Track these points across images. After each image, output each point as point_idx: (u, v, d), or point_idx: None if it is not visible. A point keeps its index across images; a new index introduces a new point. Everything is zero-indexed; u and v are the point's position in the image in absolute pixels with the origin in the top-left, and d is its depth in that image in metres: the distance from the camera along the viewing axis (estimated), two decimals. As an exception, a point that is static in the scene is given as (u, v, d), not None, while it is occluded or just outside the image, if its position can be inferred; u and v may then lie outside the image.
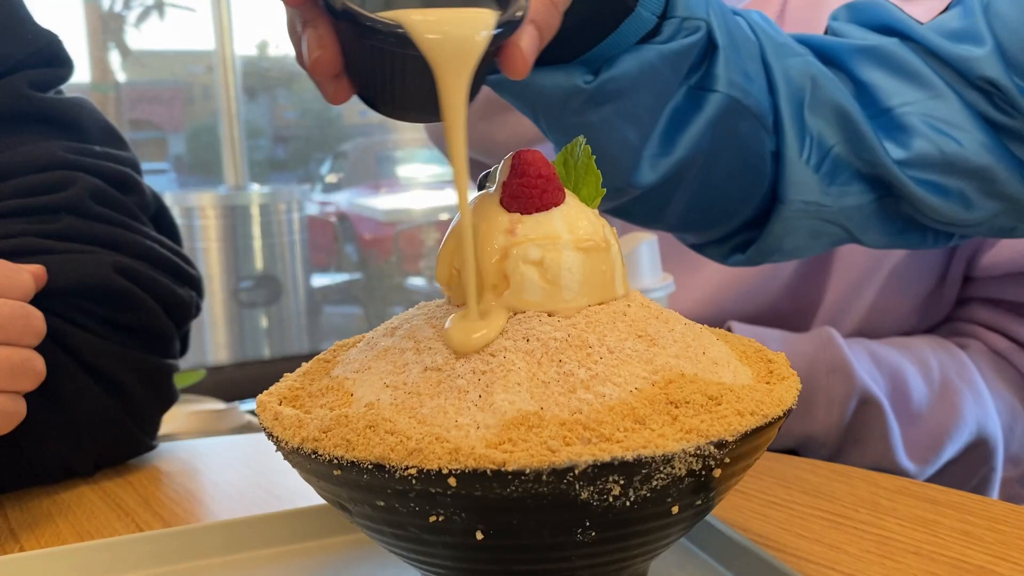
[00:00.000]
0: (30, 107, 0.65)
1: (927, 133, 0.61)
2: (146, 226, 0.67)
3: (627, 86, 0.54)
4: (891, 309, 0.89)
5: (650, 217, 0.65)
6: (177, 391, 0.69)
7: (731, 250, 0.68)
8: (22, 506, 0.60)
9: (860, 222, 0.64)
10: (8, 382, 0.53)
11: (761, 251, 0.66)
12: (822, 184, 0.62)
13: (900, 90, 0.62)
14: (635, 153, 0.57)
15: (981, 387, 0.86)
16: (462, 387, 0.34)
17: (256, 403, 0.39)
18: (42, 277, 0.58)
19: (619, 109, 0.55)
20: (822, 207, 0.63)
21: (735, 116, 0.59)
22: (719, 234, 0.68)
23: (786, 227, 0.64)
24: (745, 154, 0.61)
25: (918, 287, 0.89)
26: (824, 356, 0.82)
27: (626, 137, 0.56)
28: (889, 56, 0.63)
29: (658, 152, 0.58)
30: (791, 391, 0.37)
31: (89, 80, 3.02)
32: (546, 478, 0.31)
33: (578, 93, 0.54)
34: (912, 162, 0.61)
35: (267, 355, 3.07)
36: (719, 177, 0.62)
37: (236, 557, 0.49)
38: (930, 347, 0.88)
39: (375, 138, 4.03)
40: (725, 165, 0.61)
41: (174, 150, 3.73)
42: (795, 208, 0.62)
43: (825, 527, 0.50)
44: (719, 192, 0.63)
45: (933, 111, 0.61)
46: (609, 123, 0.55)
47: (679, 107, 0.58)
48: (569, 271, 0.37)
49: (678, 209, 0.64)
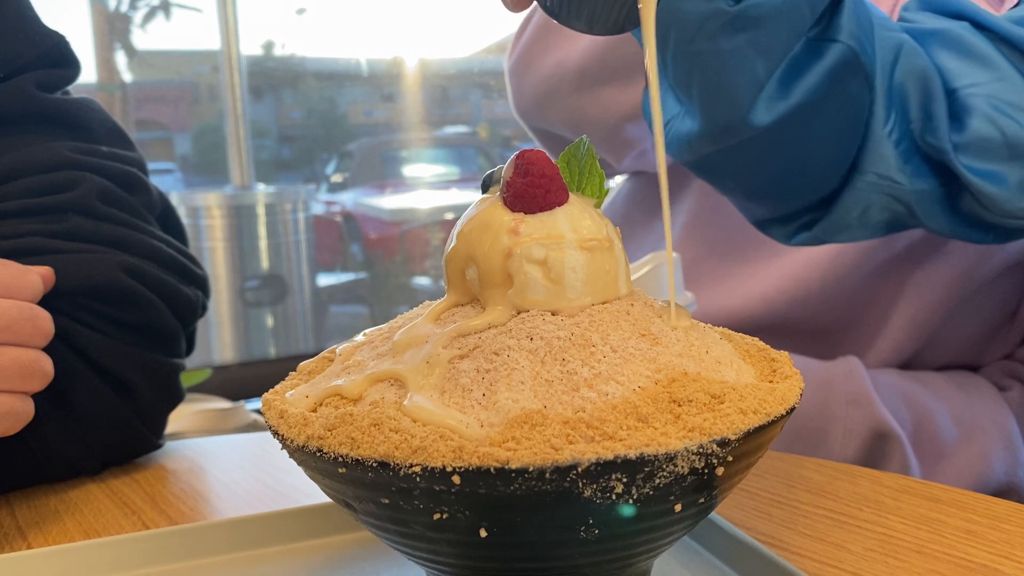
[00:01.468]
0: (37, 108, 0.65)
1: (991, 114, 0.61)
2: (152, 226, 0.68)
3: (768, 14, 0.55)
4: (951, 342, 0.87)
5: (734, 171, 0.65)
6: (183, 390, 0.70)
7: (797, 229, 0.68)
8: (30, 504, 0.60)
9: (928, 207, 0.64)
10: (17, 383, 0.53)
11: (829, 228, 0.66)
12: (899, 161, 0.62)
13: (967, 72, 0.62)
14: (758, 89, 0.57)
15: (1015, 434, 0.83)
16: (466, 385, 0.35)
17: (261, 402, 0.39)
18: (50, 278, 0.58)
19: (754, 39, 0.55)
20: (895, 184, 0.63)
21: (849, 71, 0.59)
22: (792, 208, 0.67)
23: (858, 200, 0.63)
24: (847, 115, 0.61)
25: (987, 320, 0.87)
26: (845, 387, 0.80)
27: (754, 70, 0.57)
28: (957, 39, 0.63)
29: (775, 95, 0.58)
30: (794, 390, 0.37)
31: (95, 80, 3.03)
32: (549, 476, 0.31)
33: (718, 16, 0.54)
34: (971, 145, 0.61)
35: (273, 354, 3.08)
36: (816, 138, 0.61)
37: (242, 555, 0.49)
38: (965, 386, 0.85)
39: (380, 138, 4.03)
40: (825, 125, 0.61)
41: (180, 150, 3.74)
42: (869, 180, 0.62)
43: (828, 525, 0.50)
44: (810, 154, 0.63)
45: (999, 93, 0.61)
46: (740, 53, 0.56)
47: (797, 56, 0.58)
48: (573, 270, 0.37)
49: (767, 167, 0.63)
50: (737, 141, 0.60)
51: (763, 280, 0.87)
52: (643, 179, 1.02)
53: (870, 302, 0.86)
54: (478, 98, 4.20)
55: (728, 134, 0.59)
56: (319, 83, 3.87)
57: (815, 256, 0.85)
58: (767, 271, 0.87)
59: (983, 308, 0.86)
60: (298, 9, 3.62)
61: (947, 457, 0.81)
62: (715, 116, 0.59)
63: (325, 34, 3.81)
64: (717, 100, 0.58)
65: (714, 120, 0.59)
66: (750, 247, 0.89)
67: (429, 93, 3.81)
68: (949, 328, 0.86)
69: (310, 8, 3.61)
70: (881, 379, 0.82)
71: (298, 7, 3.62)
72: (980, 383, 0.87)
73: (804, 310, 0.86)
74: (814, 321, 0.87)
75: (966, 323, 0.87)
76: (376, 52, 3.72)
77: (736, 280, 0.89)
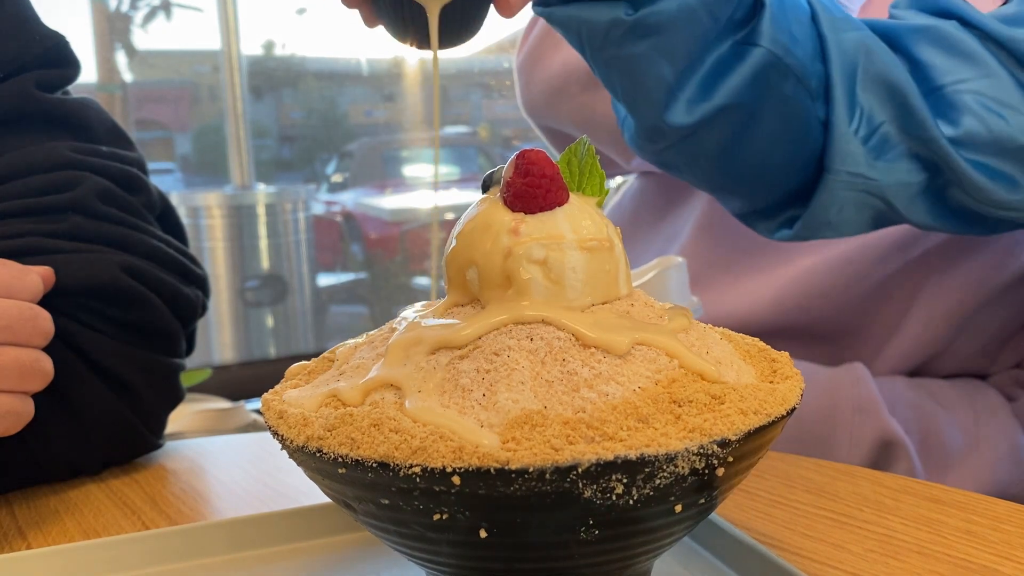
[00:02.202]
0: (37, 108, 0.65)
1: (977, 111, 0.62)
2: (153, 226, 0.68)
3: (665, 23, 0.59)
4: (962, 351, 0.86)
5: (689, 168, 0.67)
6: (183, 390, 0.70)
7: (779, 225, 0.70)
8: (30, 504, 0.60)
9: (906, 200, 0.65)
10: (17, 383, 0.53)
11: (808, 225, 0.67)
12: (869, 157, 0.63)
13: (953, 68, 0.63)
14: (668, 90, 0.61)
15: (1022, 445, 0.82)
16: (466, 386, 0.35)
17: (261, 402, 0.39)
18: (50, 278, 0.58)
19: (656, 45, 0.59)
20: (868, 180, 0.64)
21: (777, 74, 0.61)
22: (764, 203, 0.69)
23: (832, 198, 0.65)
24: (788, 117, 0.63)
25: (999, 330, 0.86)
26: (852, 394, 0.80)
27: (661, 73, 0.60)
28: (944, 36, 0.64)
29: (696, 97, 0.61)
30: (794, 390, 0.37)
31: (95, 80, 3.03)
32: (549, 476, 0.31)
33: (618, 24, 0.59)
34: (961, 140, 0.62)
35: (273, 354, 3.08)
36: (762, 137, 0.64)
37: (242, 555, 0.49)
38: (974, 395, 0.85)
39: (381, 138, 4.03)
40: (768, 125, 0.63)
41: (180, 150, 3.74)
42: (841, 179, 0.64)
43: (829, 526, 0.50)
44: (762, 153, 0.65)
45: (985, 89, 0.62)
46: (646, 58, 0.60)
47: (723, 58, 0.61)
48: (573, 270, 0.37)
49: (720, 165, 0.65)
50: (673, 140, 0.63)
51: (773, 284, 0.86)
52: (652, 179, 1.02)
53: (882, 309, 0.86)
54: (478, 98, 4.20)
55: (657, 134, 0.63)
56: (319, 83, 3.86)
57: (826, 262, 0.85)
58: (777, 276, 0.87)
59: (995, 318, 0.86)
60: (298, 9, 3.62)
61: (953, 467, 0.81)
62: (640, 116, 0.63)
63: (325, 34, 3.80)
64: (637, 101, 0.63)
65: (641, 120, 0.64)
66: (760, 251, 0.89)
67: (429, 93, 3.81)
68: (960, 337, 0.86)
69: (310, 8, 3.61)
70: (888, 387, 0.82)
71: (298, 7, 3.62)
72: (988, 393, 0.86)
73: (813, 316, 0.86)
74: (823, 327, 0.87)
75: (978, 332, 0.86)
76: (376, 52, 3.72)
77: (746, 284, 0.88)
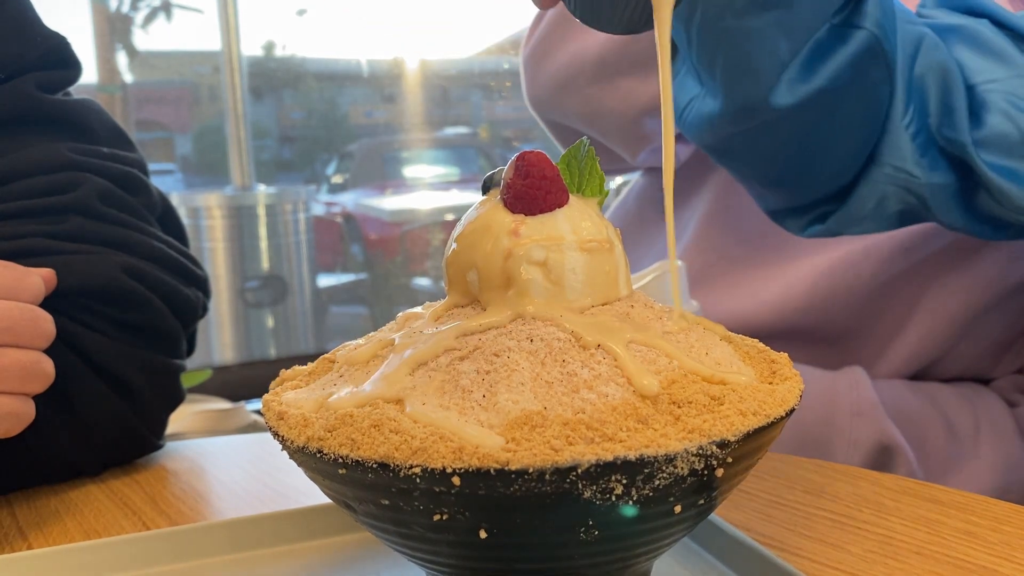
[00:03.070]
0: (38, 109, 0.65)
1: (1008, 111, 0.62)
2: (153, 227, 0.68)
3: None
4: (964, 355, 0.86)
5: (750, 156, 0.65)
6: (184, 391, 0.70)
7: (810, 221, 0.68)
8: (31, 505, 0.60)
9: (942, 201, 0.64)
10: (18, 384, 0.53)
11: (843, 220, 0.66)
12: (915, 153, 0.63)
13: (985, 68, 0.63)
14: (780, 69, 0.59)
15: (1019, 452, 0.82)
16: (466, 387, 0.35)
17: (261, 403, 0.39)
18: (51, 280, 0.58)
19: (780, 18, 0.57)
20: (912, 177, 0.63)
21: (872, 59, 0.60)
22: (808, 199, 0.68)
23: (874, 190, 0.64)
24: (868, 104, 0.62)
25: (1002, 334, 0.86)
26: (850, 397, 0.79)
27: (777, 49, 0.58)
28: (976, 35, 0.63)
29: (798, 78, 0.59)
30: (794, 391, 0.37)
31: (96, 81, 3.03)
32: (549, 477, 0.31)
33: None
34: (989, 141, 0.61)
35: (273, 355, 3.08)
36: (840, 125, 0.62)
37: (242, 555, 0.49)
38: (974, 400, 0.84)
39: (381, 139, 4.03)
40: (848, 112, 0.62)
41: (181, 151, 3.74)
42: (886, 172, 0.63)
43: (828, 527, 0.50)
44: (832, 141, 0.63)
45: (1016, 89, 0.62)
46: (766, 31, 0.57)
47: (821, 41, 0.59)
48: (573, 272, 0.37)
49: (786, 154, 0.64)
50: (757, 123, 0.61)
51: (775, 286, 0.86)
52: (657, 176, 1.00)
53: (884, 313, 0.85)
54: (479, 99, 4.20)
55: (748, 114, 0.60)
56: (320, 84, 3.87)
57: (829, 265, 0.84)
58: (779, 277, 0.86)
59: (999, 322, 0.85)
60: (299, 10, 3.62)
61: (952, 472, 0.81)
62: (737, 95, 0.60)
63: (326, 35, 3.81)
64: (741, 78, 0.60)
65: (736, 99, 0.60)
66: (763, 252, 0.88)
67: (430, 94, 3.82)
68: (963, 342, 0.85)
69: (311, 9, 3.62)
70: (887, 390, 0.81)
71: (299, 8, 3.62)
72: (989, 398, 0.86)
73: (816, 318, 0.85)
74: (826, 329, 0.86)
75: (981, 337, 0.86)
76: (377, 53, 3.72)
77: (748, 285, 0.87)
